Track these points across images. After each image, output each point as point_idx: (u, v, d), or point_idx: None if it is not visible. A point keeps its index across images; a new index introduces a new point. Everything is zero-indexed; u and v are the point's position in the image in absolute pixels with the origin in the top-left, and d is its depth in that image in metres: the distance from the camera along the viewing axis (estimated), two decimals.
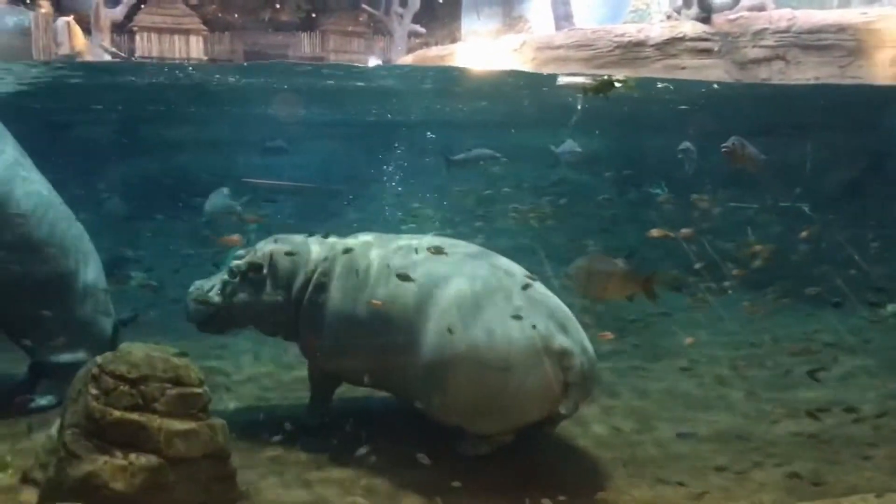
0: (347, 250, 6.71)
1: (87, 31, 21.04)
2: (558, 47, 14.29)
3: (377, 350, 6.33)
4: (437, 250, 6.18)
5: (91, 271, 7.64)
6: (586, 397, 6.18)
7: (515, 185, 13.55)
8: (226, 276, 6.87)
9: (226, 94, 16.53)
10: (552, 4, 20.23)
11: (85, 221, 7.90)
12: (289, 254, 6.84)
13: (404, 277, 6.08)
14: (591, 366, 5.95)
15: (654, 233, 6.64)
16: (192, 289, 6.95)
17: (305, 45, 29.55)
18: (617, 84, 5.85)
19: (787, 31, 13.05)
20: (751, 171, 6.82)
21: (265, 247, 6.94)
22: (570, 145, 11.01)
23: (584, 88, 6.01)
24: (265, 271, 6.81)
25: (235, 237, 7.42)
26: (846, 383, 8.36)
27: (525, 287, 6.07)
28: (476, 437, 6.07)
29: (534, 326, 5.76)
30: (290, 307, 6.81)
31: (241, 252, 6.92)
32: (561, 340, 5.81)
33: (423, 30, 27.39)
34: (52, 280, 7.19)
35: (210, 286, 6.91)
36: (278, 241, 6.98)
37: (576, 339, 5.92)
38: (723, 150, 6.48)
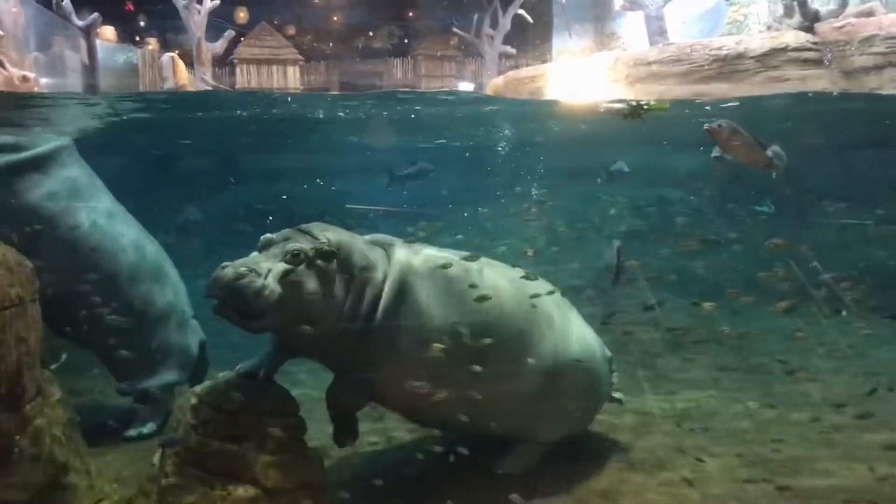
0: (427, 260, 5.71)
1: (190, 65, 21.87)
2: (652, 63, 13.95)
3: (472, 375, 5.52)
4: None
5: (168, 293, 7.67)
6: None
7: (613, 204, 13.29)
8: (284, 263, 5.09)
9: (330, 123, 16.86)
10: (646, 20, 19.81)
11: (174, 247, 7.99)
12: (364, 248, 5.52)
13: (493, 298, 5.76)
14: None
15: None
16: (228, 272, 4.88)
17: (398, 71, 29.97)
18: (645, 107, 5.71)
19: None
20: (746, 164, 5.99)
21: (327, 233, 5.33)
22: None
23: (622, 114, 5.83)
24: (334, 265, 5.29)
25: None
26: None
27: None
28: (532, 447, 6.30)
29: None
30: (355, 319, 5.38)
31: (271, 236, 5.30)
32: None
33: (513, 51, 27.30)
34: (125, 307, 7.19)
35: (264, 271, 5.00)
36: (330, 229, 5.44)
37: None
38: (705, 128, 5.67)
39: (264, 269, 4.99)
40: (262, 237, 5.31)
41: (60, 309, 6.55)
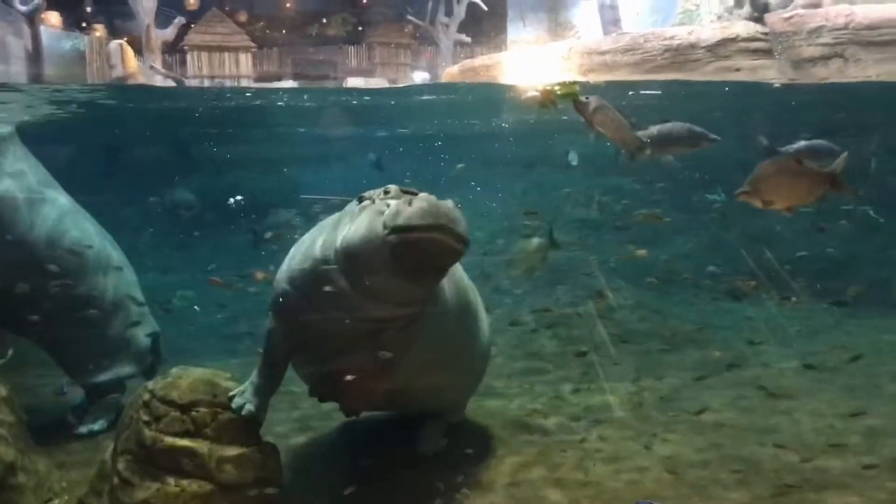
0: None
1: (138, 52, 21.43)
2: (606, 52, 14.04)
3: (459, 355, 5.92)
4: None
5: (119, 285, 7.48)
6: None
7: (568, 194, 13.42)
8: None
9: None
10: (599, 9, 19.98)
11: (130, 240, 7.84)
12: None
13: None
14: None
15: None
16: (445, 202, 4.66)
17: (352, 59, 29.76)
18: (558, 91, 5.51)
19: (844, 27, 12.58)
20: (615, 143, 5.93)
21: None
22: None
23: (539, 103, 5.64)
24: None
25: None
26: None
27: None
28: (444, 423, 6.33)
29: None
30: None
31: (367, 202, 4.94)
32: None
33: (468, 39, 27.32)
34: (72, 302, 7.01)
35: None
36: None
37: None
38: (574, 102, 5.49)
39: None
40: (390, 186, 5.02)
41: (6, 303, 6.38)
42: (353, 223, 4.83)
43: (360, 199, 5.05)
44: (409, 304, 5.06)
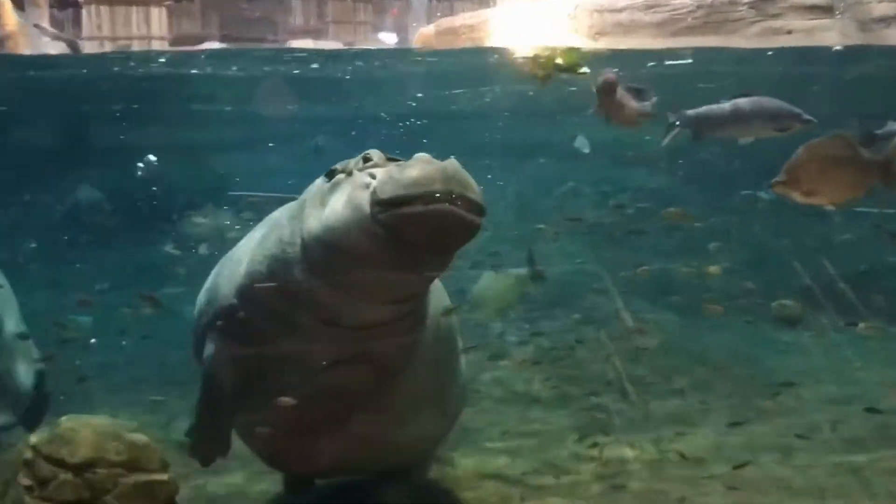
0: None
1: (20, 7, 21.35)
2: (622, 9, 14.20)
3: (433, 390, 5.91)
4: None
5: None
6: None
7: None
8: None
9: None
10: None
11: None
12: None
13: None
14: None
15: None
16: (449, 162, 4.41)
17: (297, 16, 29.75)
18: (559, 63, 5.52)
19: None
20: (628, 126, 6.04)
21: None
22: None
23: (536, 77, 5.64)
24: None
25: None
26: None
27: None
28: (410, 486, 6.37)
29: None
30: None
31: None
32: None
33: None
34: None
35: None
36: None
37: None
38: (600, 81, 5.62)
39: None
40: (371, 152, 4.75)
41: None
42: (326, 205, 4.62)
43: (331, 174, 4.80)
44: (407, 300, 4.84)
